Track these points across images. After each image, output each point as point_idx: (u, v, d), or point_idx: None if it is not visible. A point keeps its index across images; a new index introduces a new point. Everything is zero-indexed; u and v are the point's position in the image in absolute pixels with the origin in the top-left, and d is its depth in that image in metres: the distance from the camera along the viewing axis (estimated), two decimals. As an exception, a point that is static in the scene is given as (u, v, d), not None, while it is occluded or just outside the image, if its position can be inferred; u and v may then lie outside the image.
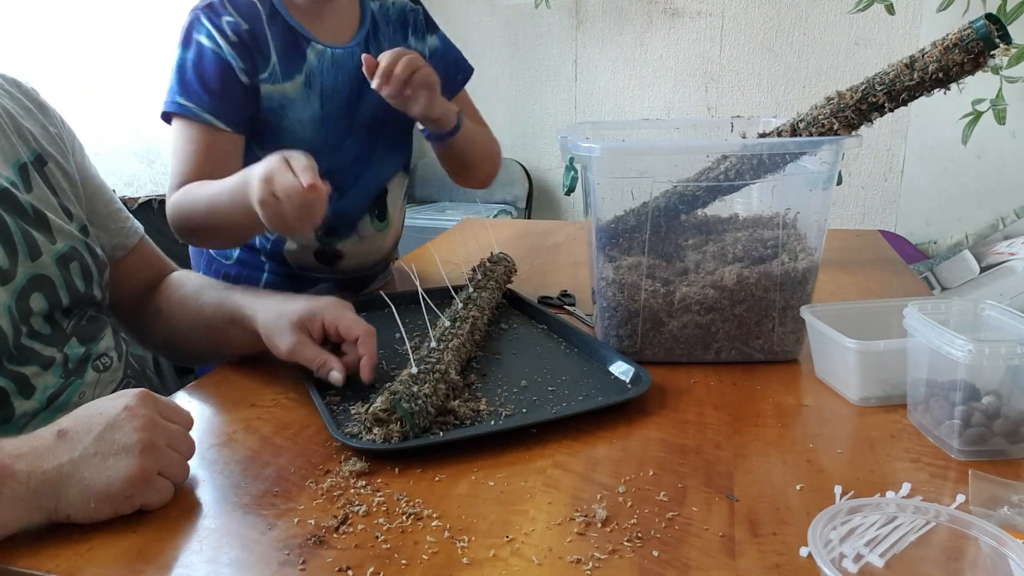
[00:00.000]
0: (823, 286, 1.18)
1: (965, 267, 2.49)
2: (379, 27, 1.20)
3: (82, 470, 0.61)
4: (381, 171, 1.23)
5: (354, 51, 1.14)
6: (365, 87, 1.11)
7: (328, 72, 1.13)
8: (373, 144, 1.19)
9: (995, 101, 2.15)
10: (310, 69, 1.12)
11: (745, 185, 0.96)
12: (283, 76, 1.10)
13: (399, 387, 0.76)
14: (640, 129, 1.30)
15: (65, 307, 0.86)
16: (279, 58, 1.10)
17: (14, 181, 0.84)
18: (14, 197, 0.83)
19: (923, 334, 0.75)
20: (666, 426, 0.80)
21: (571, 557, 0.58)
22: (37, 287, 0.83)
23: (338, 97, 1.14)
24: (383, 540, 0.61)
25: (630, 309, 0.94)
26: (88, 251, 0.90)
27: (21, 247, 0.82)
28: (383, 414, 0.73)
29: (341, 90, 1.14)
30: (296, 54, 1.11)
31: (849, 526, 0.58)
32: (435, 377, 0.80)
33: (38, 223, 0.84)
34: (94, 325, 0.91)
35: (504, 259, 1.26)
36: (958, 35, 0.84)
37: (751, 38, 2.88)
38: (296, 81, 1.11)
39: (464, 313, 0.99)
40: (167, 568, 0.58)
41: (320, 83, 1.12)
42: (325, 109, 1.13)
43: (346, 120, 1.15)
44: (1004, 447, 0.72)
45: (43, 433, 0.63)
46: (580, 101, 3.14)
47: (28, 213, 0.84)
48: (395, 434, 0.73)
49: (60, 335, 0.86)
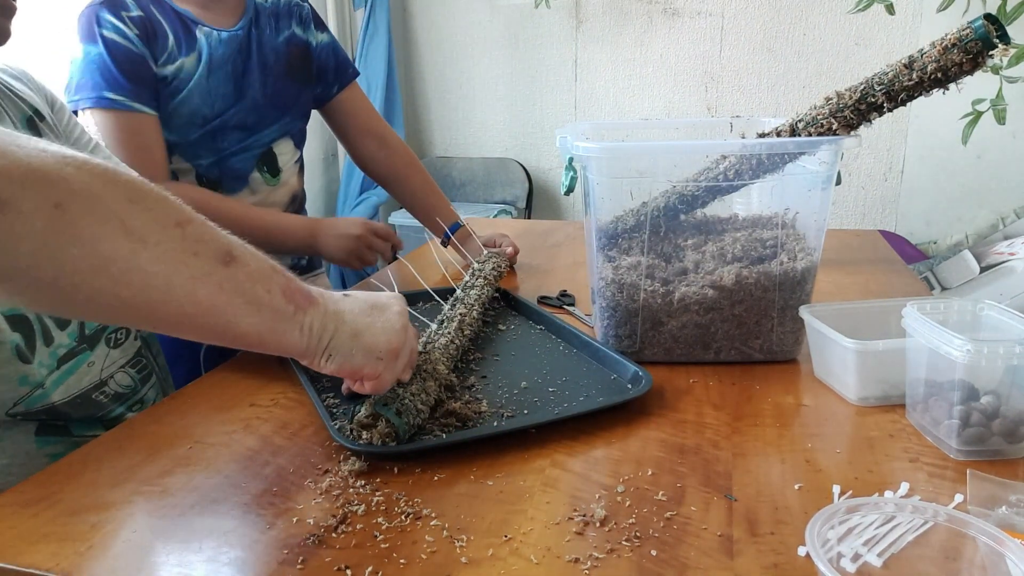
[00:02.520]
0: (822, 286, 1.18)
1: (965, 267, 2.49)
2: (261, 16, 1.36)
3: (358, 323, 0.70)
4: (266, 135, 1.37)
5: (238, 33, 1.31)
6: (249, 64, 1.31)
7: (215, 48, 1.27)
8: (257, 113, 1.34)
9: (995, 101, 2.15)
10: (200, 46, 1.26)
11: (744, 185, 0.96)
12: (179, 52, 1.24)
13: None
14: (640, 129, 1.30)
15: None
16: (174, 36, 1.24)
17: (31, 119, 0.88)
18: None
19: (922, 334, 0.75)
20: (665, 426, 0.80)
21: (569, 556, 0.58)
22: None
23: (224, 71, 1.28)
24: (382, 539, 0.61)
25: (629, 309, 0.94)
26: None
27: None
28: (368, 419, 0.74)
29: (227, 64, 1.29)
30: (187, 34, 1.25)
31: (847, 526, 0.58)
32: (421, 376, 0.80)
33: None
34: None
35: (494, 256, 1.26)
36: (957, 35, 0.84)
37: (751, 38, 2.88)
38: (192, 56, 1.25)
39: (451, 313, 0.99)
40: (167, 567, 0.58)
41: (209, 57, 1.27)
42: (211, 80, 1.27)
43: (232, 91, 1.30)
44: (1002, 447, 0.72)
45: (332, 292, 0.71)
46: (580, 101, 3.14)
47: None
48: (384, 435, 0.73)
49: None
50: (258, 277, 0.61)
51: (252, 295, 0.60)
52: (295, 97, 1.40)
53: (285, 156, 1.41)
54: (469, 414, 0.79)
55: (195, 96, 1.25)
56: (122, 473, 0.72)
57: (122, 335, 0.93)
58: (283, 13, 1.39)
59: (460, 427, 0.78)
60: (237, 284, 0.59)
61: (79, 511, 0.65)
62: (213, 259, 0.58)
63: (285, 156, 1.41)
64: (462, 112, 3.28)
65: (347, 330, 0.68)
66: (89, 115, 1.18)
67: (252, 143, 1.35)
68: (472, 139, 3.29)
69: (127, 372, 0.94)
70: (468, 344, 0.98)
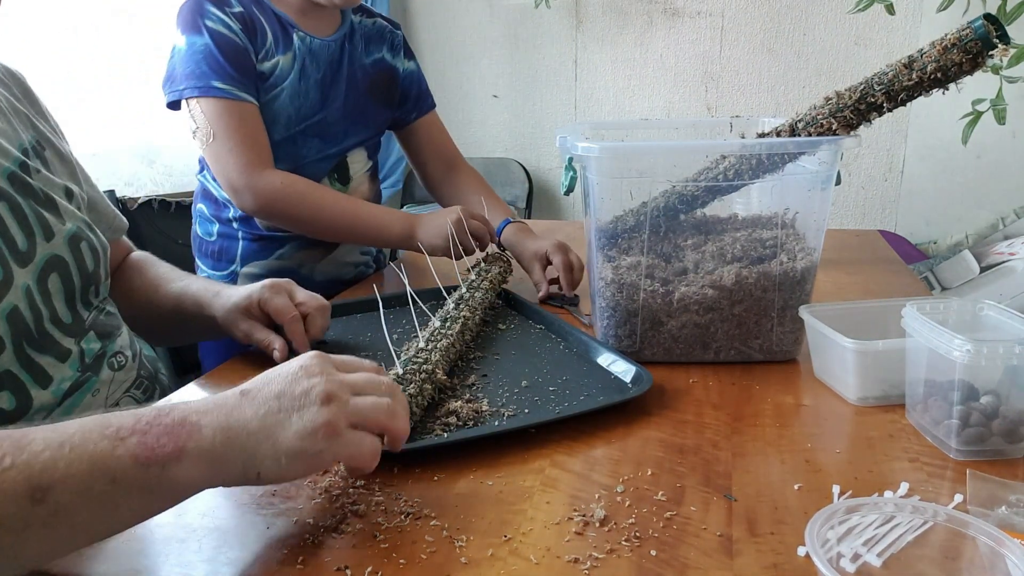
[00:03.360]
0: (822, 286, 1.18)
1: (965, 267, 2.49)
2: (356, 33, 1.39)
3: (269, 427, 0.57)
4: (343, 143, 1.40)
5: (331, 44, 1.34)
6: (338, 76, 1.35)
7: (308, 55, 1.31)
8: (337, 125, 1.37)
9: (995, 101, 2.15)
10: (295, 48, 1.29)
11: (744, 185, 0.96)
12: (277, 50, 1.27)
13: None
14: (640, 129, 1.30)
15: (80, 288, 0.86)
16: (272, 34, 1.27)
17: (23, 163, 0.84)
18: (23, 179, 0.83)
19: (922, 334, 0.75)
20: (664, 426, 0.80)
21: (569, 556, 0.58)
22: (53, 268, 0.83)
23: (313, 77, 1.32)
24: (381, 540, 0.61)
25: (629, 309, 0.94)
26: (91, 231, 0.90)
27: (36, 228, 0.82)
28: None
29: (317, 71, 1.32)
30: (285, 35, 1.29)
31: (847, 526, 0.58)
32: (421, 378, 0.80)
33: (48, 204, 0.85)
34: (111, 321, 0.92)
35: (500, 258, 1.26)
36: (956, 35, 0.84)
37: (751, 38, 2.88)
38: (288, 56, 1.29)
39: (455, 313, 0.99)
40: (166, 568, 0.58)
41: (302, 62, 1.30)
42: (302, 83, 1.30)
43: (319, 98, 1.33)
44: (1002, 447, 0.72)
45: (226, 393, 0.59)
46: (580, 101, 3.14)
47: (39, 194, 0.84)
48: None
49: (79, 326, 0.86)
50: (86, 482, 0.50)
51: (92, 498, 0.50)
52: (374, 115, 1.43)
53: (357, 165, 1.44)
54: (470, 413, 0.79)
55: (286, 96, 1.28)
56: (122, 473, 0.71)
57: (123, 358, 0.92)
58: (376, 37, 1.43)
59: (460, 426, 0.78)
60: (61, 509, 0.49)
61: (79, 511, 0.65)
62: (25, 503, 0.48)
63: (357, 165, 1.44)
64: (462, 112, 3.28)
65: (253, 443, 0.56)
66: (196, 104, 1.21)
67: (328, 153, 1.37)
68: (472, 139, 3.29)
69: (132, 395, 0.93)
70: (467, 348, 0.98)
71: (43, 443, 0.50)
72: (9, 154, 0.83)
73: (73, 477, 0.49)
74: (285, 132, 1.30)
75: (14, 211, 0.80)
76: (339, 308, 1.16)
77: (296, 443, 0.57)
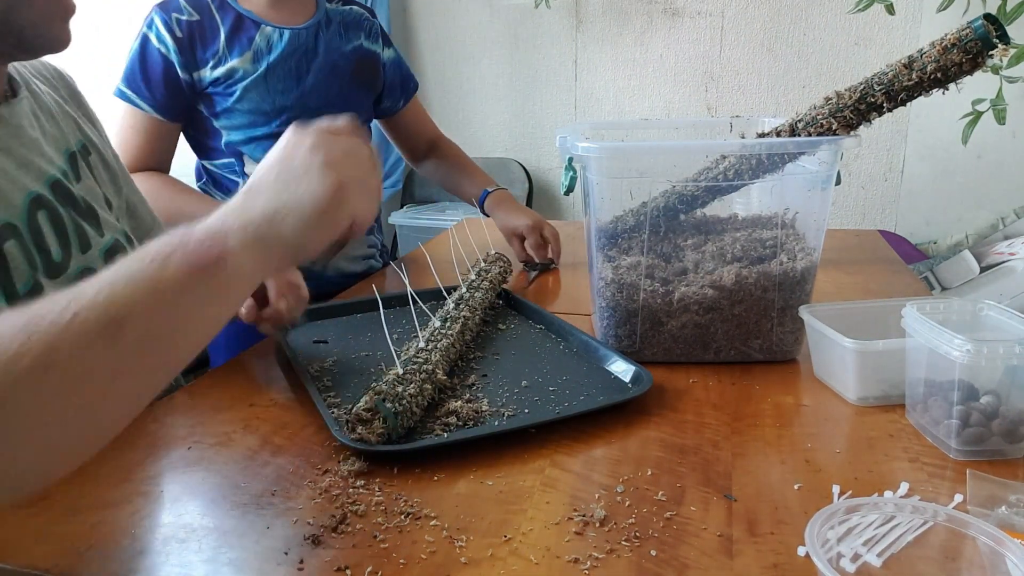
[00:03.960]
0: (822, 286, 1.18)
1: (965, 267, 2.49)
2: (331, 21, 1.40)
3: (284, 201, 0.57)
4: None
5: (303, 32, 1.35)
6: (313, 64, 1.35)
7: (276, 47, 1.32)
8: (319, 109, 1.33)
9: (995, 101, 2.15)
10: (257, 47, 1.31)
11: (744, 185, 0.96)
12: (231, 55, 1.29)
13: (383, 387, 0.76)
14: (640, 129, 1.30)
15: None
16: (226, 40, 1.29)
17: (65, 171, 0.83)
18: (66, 188, 0.82)
19: (922, 334, 0.75)
20: (664, 426, 0.80)
21: (569, 556, 0.58)
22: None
23: (284, 66, 1.32)
24: (381, 540, 0.61)
25: (629, 309, 0.94)
26: (128, 241, 0.89)
27: (73, 239, 0.81)
28: (366, 414, 0.74)
29: (288, 60, 1.33)
30: (243, 36, 1.30)
31: (847, 526, 0.58)
32: (421, 378, 0.80)
33: (88, 214, 0.84)
34: None
35: (500, 258, 1.26)
36: (956, 35, 0.84)
37: (751, 38, 2.87)
38: (245, 57, 1.30)
39: (455, 313, 0.99)
40: (166, 568, 0.58)
41: (267, 57, 1.31)
42: (270, 78, 1.31)
43: (294, 86, 1.34)
44: (1002, 447, 0.72)
45: (230, 200, 0.59)
46: (580, 101, 3.14)
47: (80, 204, 0.83)
48: (378, 434, 0.73)
49: None
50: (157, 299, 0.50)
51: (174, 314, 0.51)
52: (359, 102, 1.45)
53: None
54: (470, 413, 0.79)
55: (252, 94, 1.30)
56: (122, 473, 0.71)
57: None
58: (353, 24, 1.44)
59: (460, 426, 0.78)
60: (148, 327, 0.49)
61: (79, 511, 0.65)
62: (107, 344, 0.48)
63: None
64: (462, 112, 3.28)
65: (278, 221, 0.57)
66: (116, 100, 1.30)
67: None
68: (472, 139, 3.28)
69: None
70: (467, 348, 0.98)
71: (96, 287, 0.49)
72: (53, 161, 0.82)
73: (140, 303, 0.49)
74: (266, 127, 1.32)
75: (53, 221, 0.79)
76: (339, 308, 1.16)
77: (315, 205, 0.58)
